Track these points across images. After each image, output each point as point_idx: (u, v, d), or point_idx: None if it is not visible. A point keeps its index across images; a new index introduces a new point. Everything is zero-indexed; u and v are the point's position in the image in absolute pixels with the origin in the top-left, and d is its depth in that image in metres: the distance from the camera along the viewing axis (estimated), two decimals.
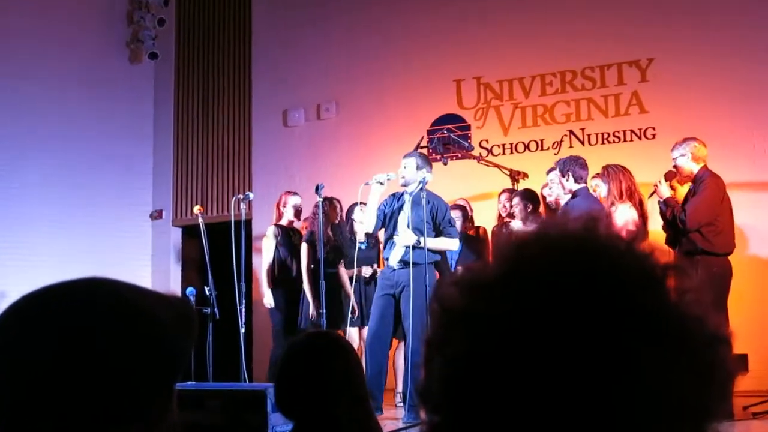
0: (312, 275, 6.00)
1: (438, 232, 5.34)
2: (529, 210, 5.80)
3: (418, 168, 5.34)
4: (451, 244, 5.39)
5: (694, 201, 5.10)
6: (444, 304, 0.64)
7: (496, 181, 6.92)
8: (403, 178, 5.40)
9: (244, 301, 5.89)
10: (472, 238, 6.45)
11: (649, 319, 0.58)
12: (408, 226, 5.28)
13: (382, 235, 5.65)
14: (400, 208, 5.39)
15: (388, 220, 5.41)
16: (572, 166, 5.28)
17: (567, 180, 5.29)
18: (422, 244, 5.15)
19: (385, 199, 5.52)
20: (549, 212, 5.72)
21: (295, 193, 6.71)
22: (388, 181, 5.37)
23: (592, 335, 0.58)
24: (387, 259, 5.37)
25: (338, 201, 6.34)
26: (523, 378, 0.58)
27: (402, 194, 5.47)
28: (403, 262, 5.25)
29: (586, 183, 5.30)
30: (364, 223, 5.43)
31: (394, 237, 5.30)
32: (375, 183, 5.32)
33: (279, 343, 6.21)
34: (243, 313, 5.87)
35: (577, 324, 0.58)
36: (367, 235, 6.12)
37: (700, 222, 5.02)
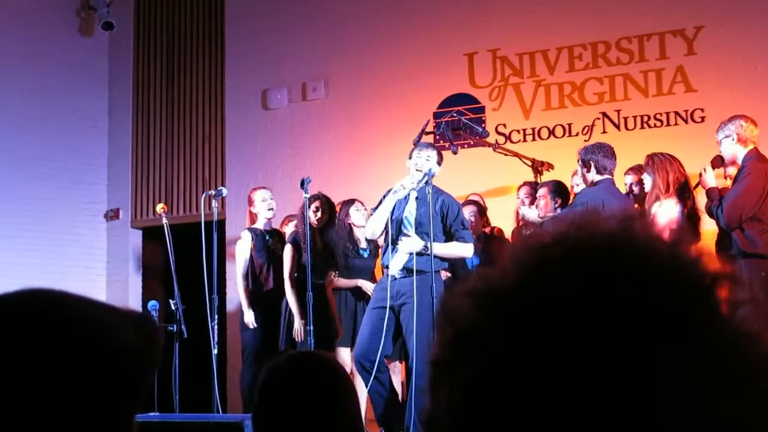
0: (297, 285, 6.06)
1: (448, 236, 5.38)
2: (557, 205, 5.83)
3: (438, 164, 5.43)
4: (464, 250, 5.44)
5: (731, 192, 5.08)
6: (453, 319, 0.64)
7: (516, 173, 6.95)
8: (419, 170, 5.40)
9: (216, 317, 5.89)
10: (487, 237, 6.54)
11: (695, 338, 0.59)
12: (413, 228, 5.35)
13: (382, 239, 5.75)
14: (404, 209, 5.46)
15: (391, 220, 5.48)
16: (595, 155, 5.31)
17: (589, 171, 5.34)
18: (430, 251, 5.21)
19: (384, 195, 5.61)
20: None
21: (263, 187, 6.76)
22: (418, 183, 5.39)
23: (630, 356, 0.58)
24: (386, 267, 5.43)
25: (328, 198, 6.36)
26: (548, 407, 0.58)
27: (409, 193, 5.53)
28: (406, 270, 5.31)
29: (612, 175, 5.36)
30: (369, 228, 5.51)
31: (398, 241, 5.36)
32: (403, 190, 5.35)
33: (249, 366, 6.28)
34: (216, 332, 5.88)
35: (612, 343, 0.58)
36: (367, 240, 6.18)
37: (740, 217, 4.98)
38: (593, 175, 5.33)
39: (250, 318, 6.33)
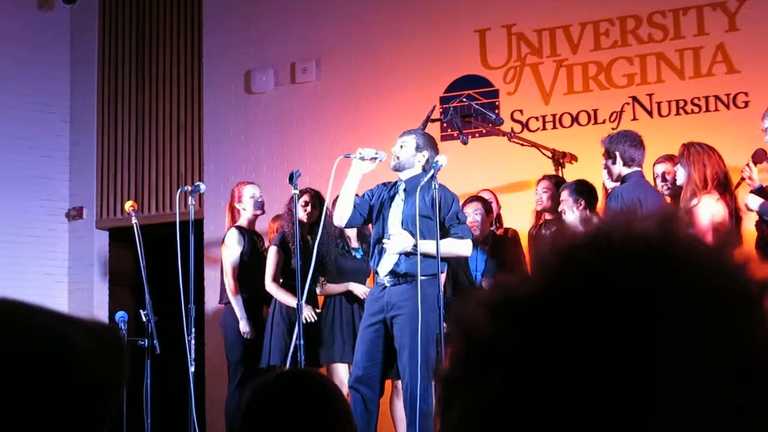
0: (282, 291, 6.14)
1: (443, 232, 5.41)
2: (580, 207, 5.87)
3: (418, 149, 5.48)
4: (461, 248, 5.48)
5: None
6: (467, 331, 0.65)
7: (534, 166, 6.93)
8: (396, 159, 5.51)
9: (194, 330, 5.92)
10: (499, 240, 6.55)
11: (741, 353, 0.60)
12: (401, 225, 5.38)
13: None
14: (391, 200, 5.50)
15: (375, 216, 5.52)
16: (621, 145, 5.33)
17: (615, 163, 5.36)
18: (419, 250, 5.25)
19: (372, 188, 5.65)
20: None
21: (251, 183, 6.86)
22: (376, 160, 5.47)
23: (668, 372, 0.59)
24: (376, 272, 5.51)
25: (318, 193, 6.40)
26: (574, 429, 0.58)
27: (396, 183, 5.57)
28: (395, 275, 5.36)
29: (640, 167, 5.37)
30: (336, 213, 5.55)
31: (384, 241, 5.39)
32: (357, 158, 5.42)
33: (237, 385, 6.34)
34: (193, 346, 5.90)
35: (647, 358, 0.59)
36: (359, 239, 6.23)
37: None
38: (619, 168, 5.34)
39: (247, 328, 6.41)
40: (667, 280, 0.61)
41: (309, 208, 6.30)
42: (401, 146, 5.51)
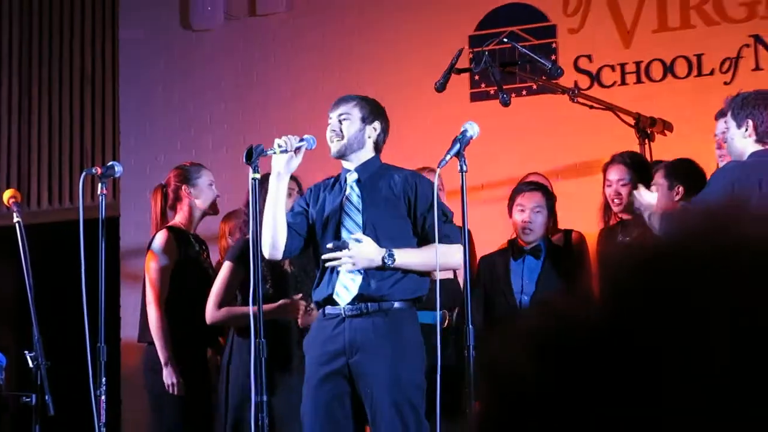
0: (237, 322, 6.18)
1: (422, 238, 5.56)
2: (678, 196, 5.96)
3: (365, 120, 5.62)
4: (450, 257, 5.55)
5: None
6: (500, 375, 0.75)
7: (607, 140, 6.97)
8: (340, 140, 5.61)
9: (105, 382, 5.89)
10: (557, 250, 6.60)
11: None
12: (364, 232, 5.51)
13: None
14: (341, 201, 5.62)
15: (321, 229, 5.63)
16: (759, 111, 5.42)
17: (747, 136, 5.43)
18: (395, 262, 5.39)
19: (307, 191, 5.77)
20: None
21: (198, 164, 6.98)
22: (301, 150, 5.55)
23: None
24: (318, 302, 5.60)
25: (295, 177, 6.28)
26: None
27: (338, 177, 5.69)
28: (362, 301, 5.44)
29: None
30: (264, 242, 5.60)
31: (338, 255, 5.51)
32: (277, 152, 5.49)
33: None
34: (104, 404, 5.89)
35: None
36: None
37: None
38: (748, 144, 5.40)
39: (172, 379, 6.45)
40: None
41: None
42: (341, 120, 5.59)
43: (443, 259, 5.43)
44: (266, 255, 5.61)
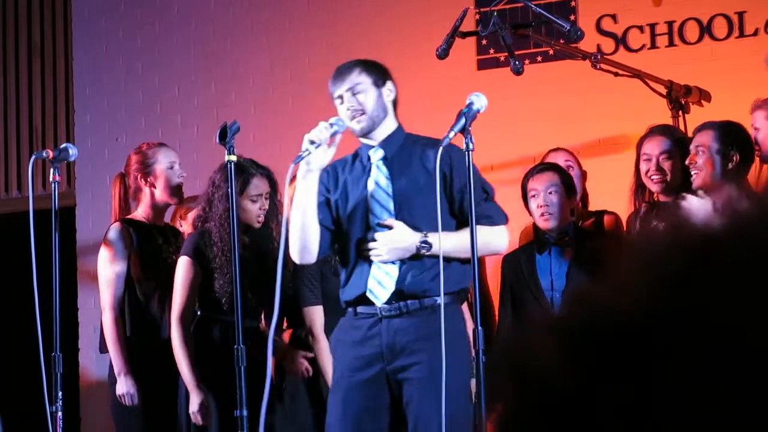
0: (200, 328, 6.24)
1: (461, 219, 5.45)
2: (731, 164, 5.84)
3: (377, 85, 5.49)
4: (494, 240, 5.52)
5: None
6: (527, 376, 0.76)
7: (636, 111, 7.01)
8: (360, 114, 5.43)
9: (61, 395, 5.93)
10: (587, 235, 6.60)
11: None
12: (395, 215, 5.43)
13: None
14: (365, 181, 5.51)
15: (346, 214, 5.54)
16: None
17: None
18: (434, 249, 5.24)
19: (322, 174, 5.53)
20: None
21: (162, 144, 6.87)
22: (337, 135, 5.41)
23: None
24: (347, 302, 5.47)
25: (270, 173, 6.39)
26: None
27: (358, 154, 5.57)
28: (399, 298, 5.29)
29: None
30: (293, 246, 5.49)
31: (369, 244, 5.39)
32: (312, 151, 5.30)
33: None
34: (60, 422, 5.94)
35: None
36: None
37: None
38: None
39: (125, 388, 6.38)
40: None
41: (262, 201, 6.27)
42: (355, 93, 5.40)
43: (485, 243, 5.36)
44: (297, 260, 5.59)
